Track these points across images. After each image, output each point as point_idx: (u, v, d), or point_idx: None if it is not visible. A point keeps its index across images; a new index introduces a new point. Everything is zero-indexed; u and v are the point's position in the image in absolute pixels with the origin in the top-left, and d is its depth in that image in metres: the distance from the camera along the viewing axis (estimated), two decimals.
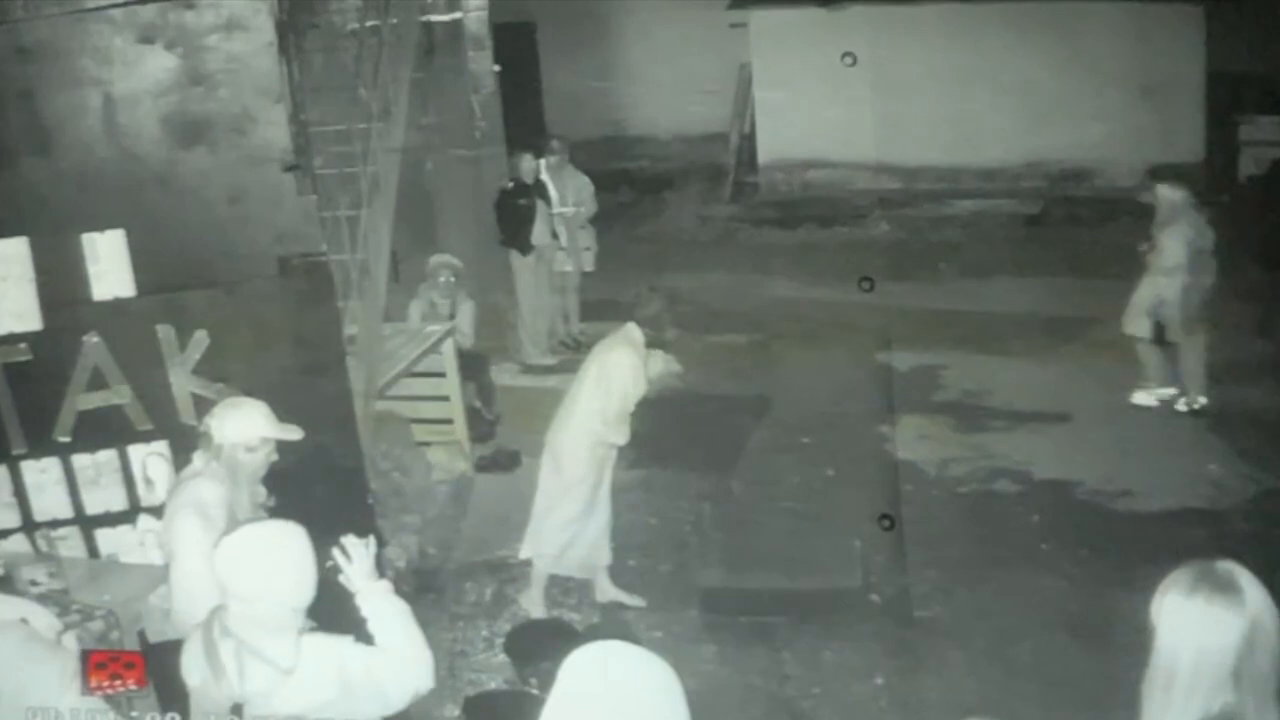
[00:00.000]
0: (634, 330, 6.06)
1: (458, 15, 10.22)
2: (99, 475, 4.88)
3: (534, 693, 4.07)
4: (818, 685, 5.62)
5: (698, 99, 15.78)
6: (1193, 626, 2.43)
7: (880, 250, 12.74)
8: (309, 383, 4.90)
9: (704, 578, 6.53)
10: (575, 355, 10.05)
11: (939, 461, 7.91)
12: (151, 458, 4.89)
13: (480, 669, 5.85)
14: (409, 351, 7.62)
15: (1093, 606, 6.04)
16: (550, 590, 6.41)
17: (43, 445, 4.82)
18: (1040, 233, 13.54)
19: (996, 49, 14.16)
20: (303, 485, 4.30)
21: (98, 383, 4.80)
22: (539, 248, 9.68)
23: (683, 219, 15.09)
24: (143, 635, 4.17)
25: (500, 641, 5.82)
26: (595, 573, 6.37)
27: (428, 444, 7.97)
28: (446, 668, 5.83)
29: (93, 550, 4.93)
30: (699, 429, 8.49)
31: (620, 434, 6.07)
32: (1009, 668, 5.63)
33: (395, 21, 7.71)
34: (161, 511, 4.69)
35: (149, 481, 4.90)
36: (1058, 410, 8.56)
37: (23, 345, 4.75)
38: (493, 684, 5.64)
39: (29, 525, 4.85)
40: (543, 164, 10.01)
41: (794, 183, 15.25)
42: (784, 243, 13.87)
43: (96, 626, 3.86)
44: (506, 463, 8.05)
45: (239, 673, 3.05)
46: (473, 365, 8.47)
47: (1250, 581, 2.45)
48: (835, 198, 14.61)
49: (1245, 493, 7.23)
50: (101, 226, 4.78)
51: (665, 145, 16.71)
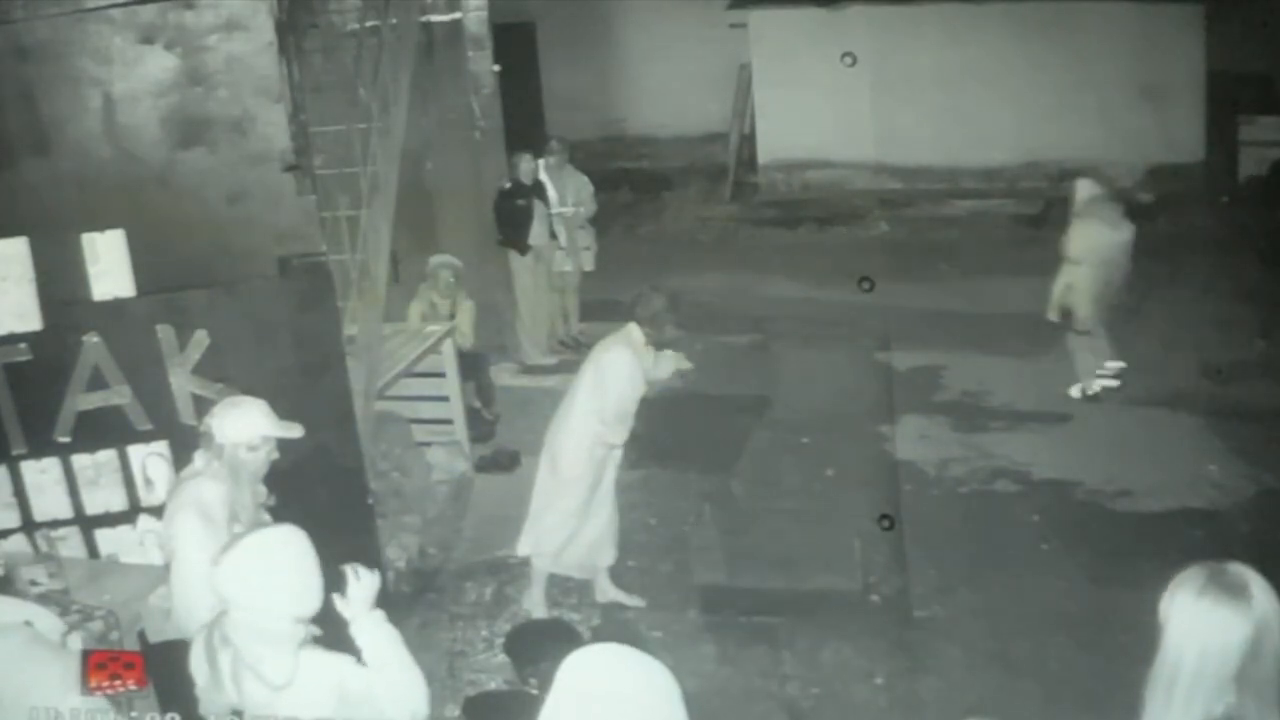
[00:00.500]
0: (634, 330, 6.04)
1: (458, 15, 10.19)
2: (99, 475, 4.87)
3: (534, 693, 4.07)
4: (818, 685, 5.62)
5: (698, 99, 15.80)
6: (1199, 626, 2.43)
7: (880, 250, 12.74)
8: (309, 383, 4.89)
9: (704, 578, 6.53)
10: (575, 355, 10.06)
11: (939, 461, 7.91)
12: (151, 458, 4.88)
13: (480, 669, 5.85)
14: (409, 351, 7.62)
15: (1093, 606, 6.04)
16: (550, 590, 6.40)
17: (43, 445, 4.82)
18: (1040, 233, 13.51)
19: (996, 49, 14.17)
20: (303, 485, 4.30)
21: (98, 383, 4.80)
22: (537, 248, 9.68)
23: (683, 219, 15.10)
24: (143, 635, 4.17)
25: (500, 641, 5.81)
26: (595, 573, 6.37)
27: (428, 444, 7.98)
28: (446, 668, 5.84)
29: (93, 550, 4.92)
30: (699, 429, 8.49)
31: (617, 433, 6.06)
32: (1009, 668, 5.63)
33: (395, 21, 7.70)
34: (161, 511, 4.69)
35: (149, 481, 4.90)
36: (1058, 410, 8.56)
37: (23, 345, 4.74)
38: (493, 684, 5.64)
39: (29, 525, 4.84)
40: (541, 164, 10.01)
41: (794, 183, 15.27)
42: (784, 243, 13.88)
43: (96, 626, 3.85)
44: (506, 463, 8.05)
45: (235, 683, 3.06)
46: (473, 365, 8.47)
47: (1261, 586, 2.45)
48: (835, 198, 14.63)
49: (1245, 493, 7.23)
50: (101, 226, 4.77)
51: (665, 145, 16.72)
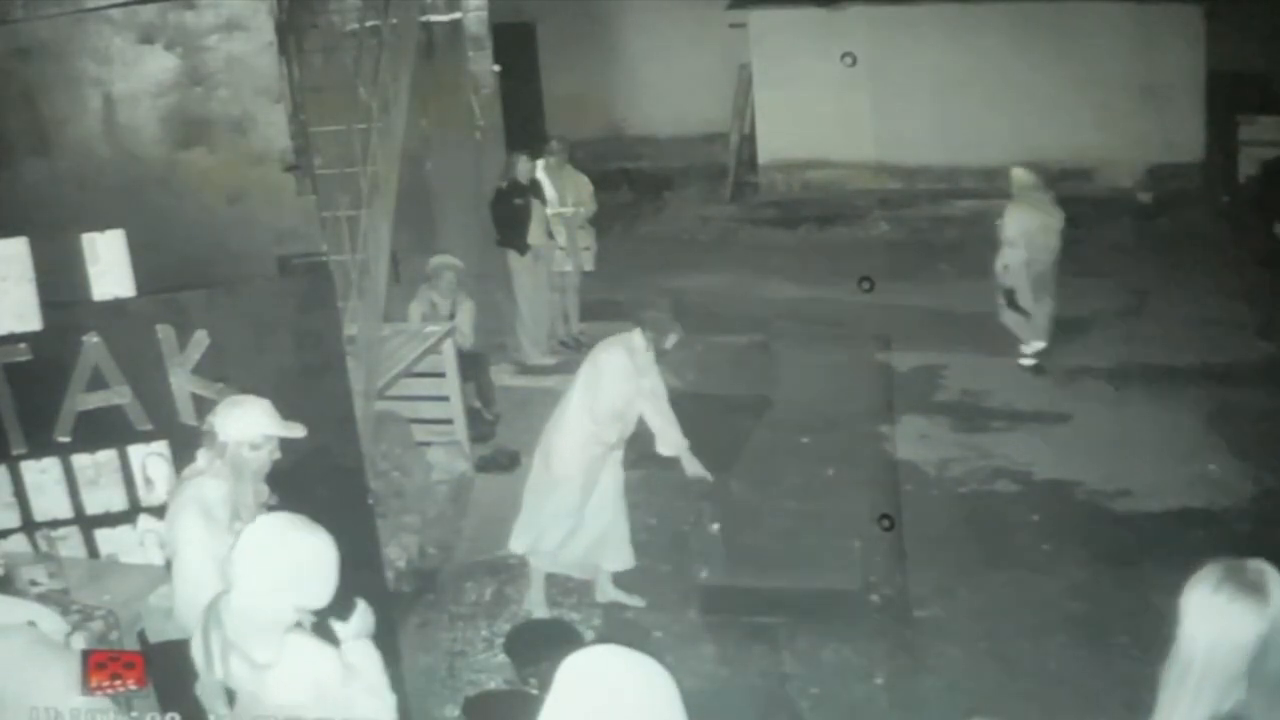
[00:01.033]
0: (636, 336, 6.07)
1: (458, 15, 10.21)
2: (99, 475, 4.87)
3: (534, 693, 4.07)
4: (817, 685, 5.63)
5: (698, 99, 15.80)
6: (1213, 620, 2.45)
7: (880, 250, 12.73)
8: (309, 383, 4.89)
9: (704, 578, 6.53)
10: (575, 355, 10.07)
11: (939, 461, 7.91)
12: (151, 458, 4.88)
13: (480, 669, 5.85)
14: (409, 351, 7.62)
15: (1092, 606, 6.05)
16: (550, 590, 6.41)
17: (43, 445, 4.81)
18: None
19: (996, 49, 14.16)
20: (303, 485, 4.29)
21: (98, 383, 4.79)
22: (535, 248, 9.68)
23: (683, 219, 15.10)
24: (143, 635, 4.17)
25: (500, 641, 5.82)
26: (596, 573, 6.37)
27: (428, 444, 7.98)
28: (446, 668, 5.84)
29: (93, 550, 4.92)
30: (699, 429, 8.47)
31: (609, 431, 6.07)
32: (1009, 668, 5.64)
33: (395, 21, 7.69)
34: (161, 512, 4.69)
35: (149, 481, 4.90)
36: (1058, 410, 8.56)
37: (23, 345, 4.74)
38: (493, 684, 5.64)
39: (29, 525, 4.84)
40: (541, 164, 10.02)
41: (794, 183, 15.26)
42: (784, 243, 13.87)
43: (96, 626, 3.85)
44: (506, 463, 8.05)
45: (223, 660, 3.14)
46: (472, 365, 8.47)
47: (1278, 583, 2.47)
48: (835, 198, 14.61)
49: (1245, 493, 7.23)
50: (101, 226, 4.76)
51: (665, 145, 16.71)
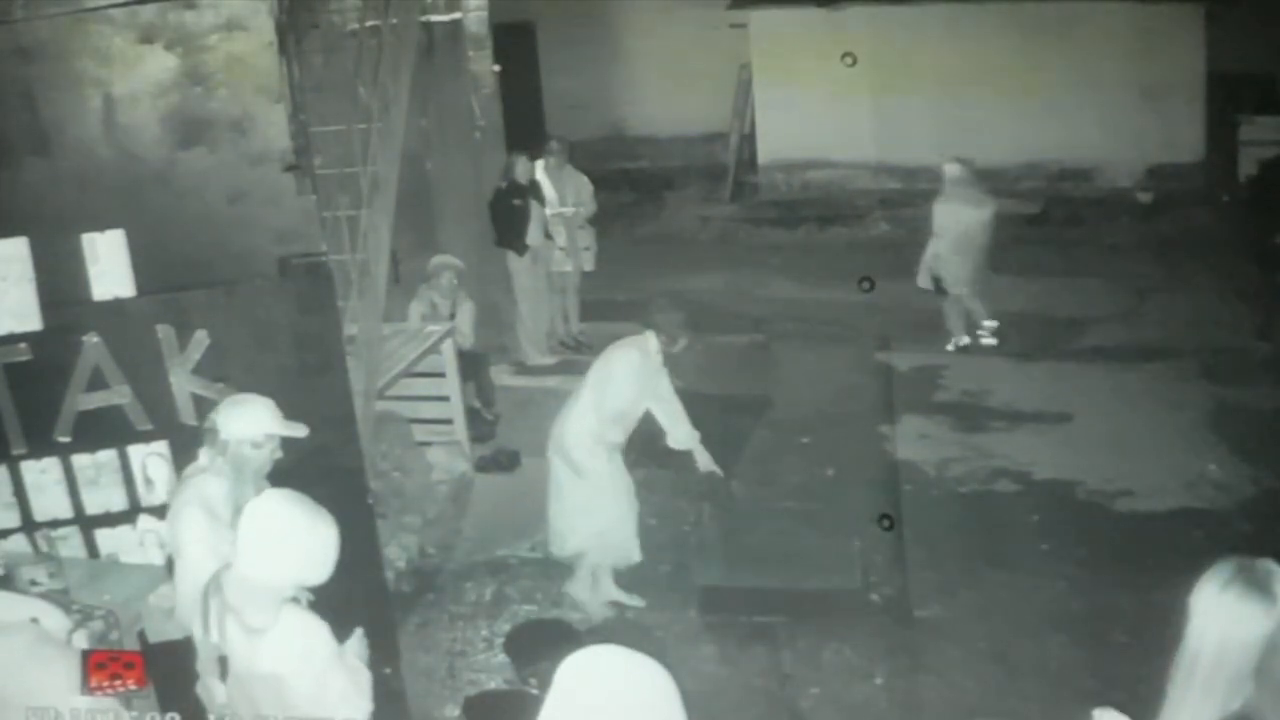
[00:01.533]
0: (650, 339, 6.14)
1: (458, 15, 10.20)
2: (99, 475, 4.87)
3: (534, 693, 4.07)
4: (818, 685, 5.63)
5: (698, 99, 15.80)
6: (1221, 619, 2.46)
7: (880, 250, 12.73)
8: (309, 383, 4.89)
9: (704, 578, 6.53)
10: (575, 355, 10.07)
11: (939, 461, 7.91)
12: (151, 458, 4.88)
13: (480, 669, 5.85)
14: (409, 351, 7.62)
15: (1093, 606, 6.05)
16: (550, 590, 6.42)
17: (43, 445, 4.82)
18: (1040, 233, 13.54)
19: (996, 49, 14.16)
20: (303, 485, 4.29)
21: (98, 383, 4.79)
22: (534, 248, 9.68)
23: (683, 219, 15.10)
24: (143, 635, 4.18)
25: (500, 641, 5.82)
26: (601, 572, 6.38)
27: (428, 444, 7.97)
28: (446, 668, 5.84)
29: (93, 550, 4.92)
30: (699, 429, 8.47)
31: (613, 431, 6.12)
32: (1009, 668, 5.64)
33: (395, 21, 7.69)
34: (161, 512, 4.70)
35: (149, 481, 4.90)
36: (1058, 410, 8.56)
37: (23, 345, 4.74)
38: (493, 684, 5.64)
39: (29, 525, 4.84)
40: (541, 164, 10.02)
41: (794, 183, 15.26)
42: (784, 243, 13.88)
43: (96, 626, 3.86)
44: (506, 463, 8.05)
45: (219, 628, 3.23)
46: (472, 365, 8.47)
47: None
48: (835, 198, 14.61)
49: (1245, 493, 7.23)
50: (101, 226, 4.77)
51: (665, 145, 16.71)
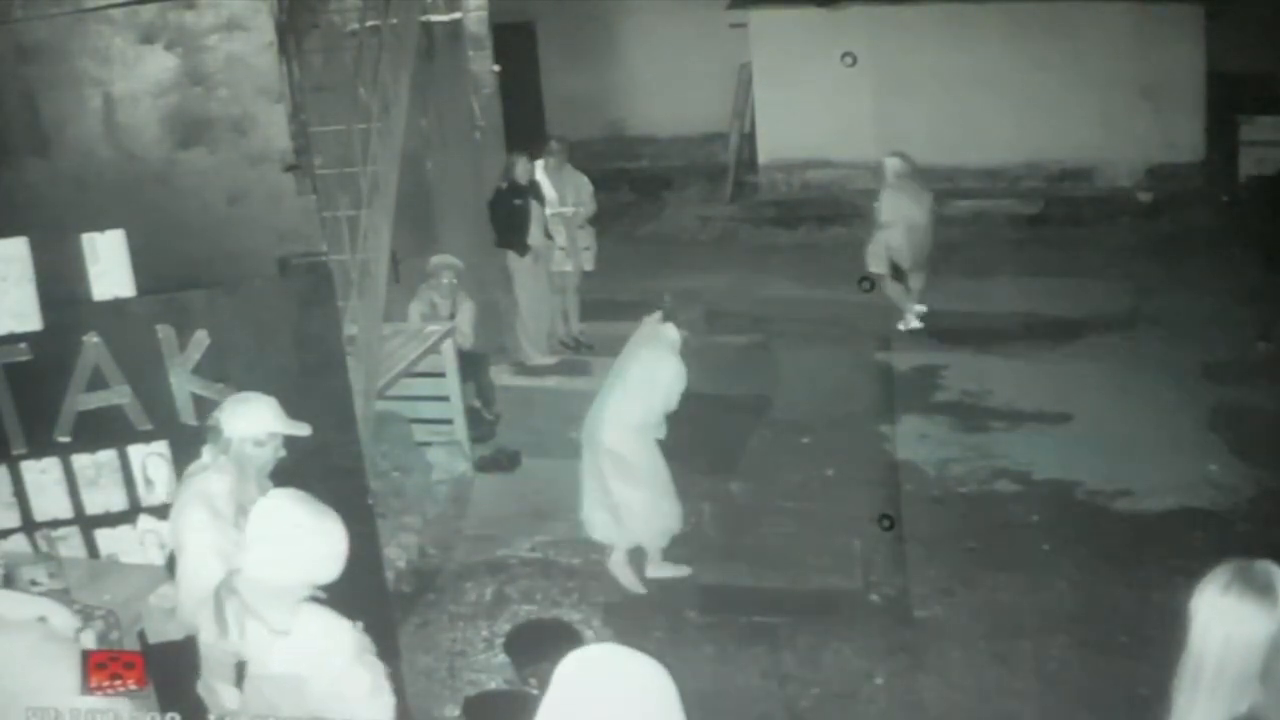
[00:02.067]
0: (672, 331, 6.34)
1: (458, 15, 10.19)
2: (99, 475, 4.87)
3: (534, 693, 4.07)
4: (818, 685, 5.63)
5: (698, 99, 15.79)
6: (1223, 621, 2.45)
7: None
8: (309, 383, 4.89)
9: (704, 578, 6.54)
10: (575, 355, 10.07)
11: (939, 461, 7.91)
12: (151, 458, 4.88)
13: (480, 669, 5.86)
14: (409, 351, 7.62)
15: (1093, 606, 6.05)
16: (550, 590, 6.43)
17: (43, 445, 4.82)
18: (1040, 233, 13.55)
19: (996, 49, 14.16)
20: (302, 485, 4.29)
21: (98, 383, 4.79)
22: (535, 248, 9.68)
23: (683, 219, 15.10)
24: (143, 635, 4.17)
25: (500, 641, 5.82)
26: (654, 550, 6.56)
27: (428, 444, 7.98)
28: (446, 668, 5.84)
29: (93, 550, 4.92)
30: (699, 429, 8.48)
31: (662, 426, 6.38)
32: (1009, 668, 5.64)
33: (395, 21, 7.69)
34: (161, 512, 4.70)
35: (149, 481, 4.90)
36: (1058, 410, 8.56)
37: (23, 345, 4.74)
38: (493, 684, 5.64)
39: (29, 525, 4.84)
40: (538, 164, 10.02)
41: (794, 183, 15.26)
42: (784, 243, 13.88)
43: (96, 626, 3.86)
44: (506, 463, 8.05)
45: (240, 630, 3.21)
46: (472, 365, 8.47)
47: None
48: (835, 198, 14.61)
49: (1245, 493, 7.23)
50: (101, 226, 4.77)
51: (665, 145, 16.72)
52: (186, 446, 4.49)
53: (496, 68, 10.56)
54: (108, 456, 4.86)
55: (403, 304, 8.30)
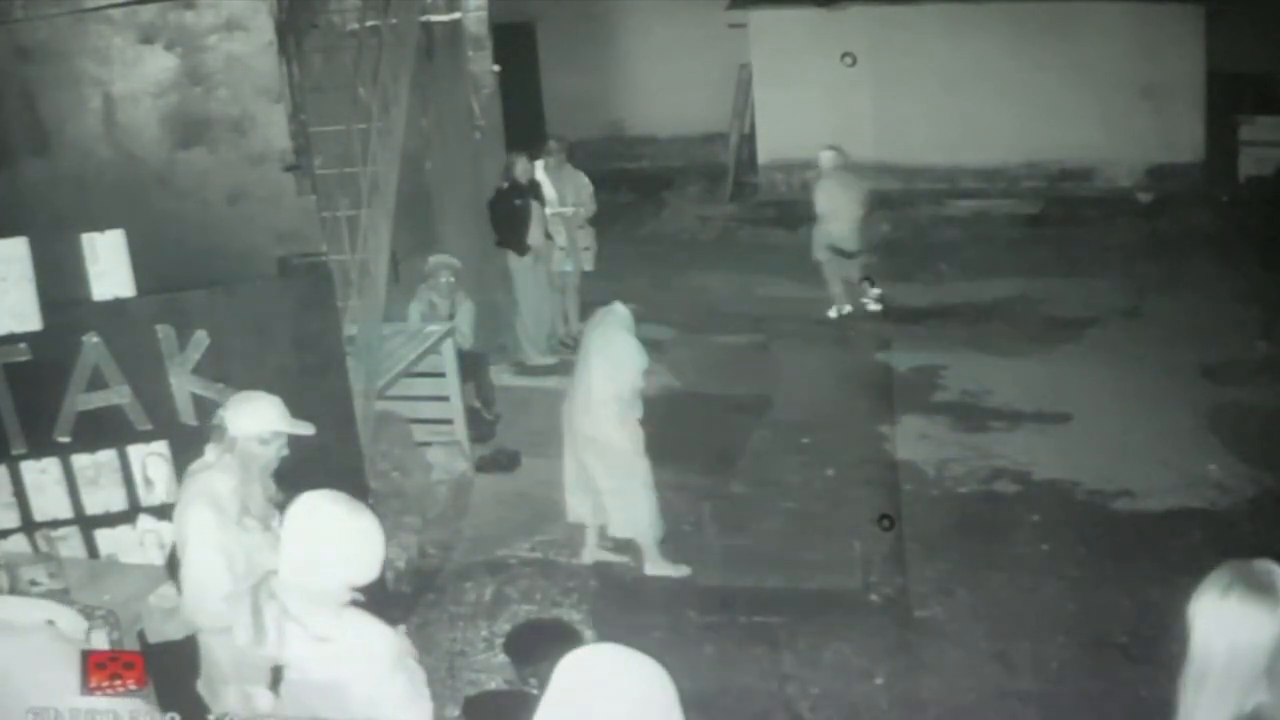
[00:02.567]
0: (619, 307, 6.44)
1: (457, 15, 10.18)
2: (99, 475, 4.88)
3: (534, 693, 4.07)
4: (818, 685, 5.62)
5: (698, 99, 15.80)
6: (1227, 625, 2.44)
7: (880, 250, 12.74)
8: (309, 383, 4.89)
9: (704, 578, 6.54)
10: (574, 355, 10.06)
11: (939, 461, 7.90)
12: (151, 458, 4.89)
13: (480, 669, 5.85)
14: (409, 351, 7.62)
15: (1092, 606, 6.04)
16: (550, 590, 6.43)
17: (43, 445, 4.82)
18: (1040, 233, 13.55)
19: (996, 49, 14.17)
20: (302, 485, 4.29)
21: (98, 383, 4.80)
22: (535, 248, 9.68)
23: (683, 219, 15.10)
24: (143, 635, 4.18)
25: (500, 641, 5.82)
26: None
27: (428, 444, 7.97)
28: (446, 668, 5.84)
29: (93, 550, 4.93)
30: (699, 429, 8.49)
31: (638, 407, 6.41)
32: (1009, 668, 5.63)
33: (395, 21, 7.69)
34: (161, 512, 4.70)
35: (149, 481, 4.90)
36: (1058, 410, 8.56)
37: (23, 345, 4.75)
38: (493, 684, 5.64)
39: (29, 525, 4.85)
40: (538, 164, 10.01)
41: (794, 183, 15.23)
42: (784, 243, 13.85)
43: (102, 627, 3.86)
44: (506, 463, 8.04)
45: (280, 636, 3.15)
46: (472, 365, 8.47)
47: None
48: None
49: (1245, 493, 7.22)
50: (101, 226, 4.77)
51: (665, 145, 16.73)
52: (186, 446, 4.49)
53: (496, 68, 10.56)
54: (107, 456, 4.87)
55: (403, 304, 8.29)
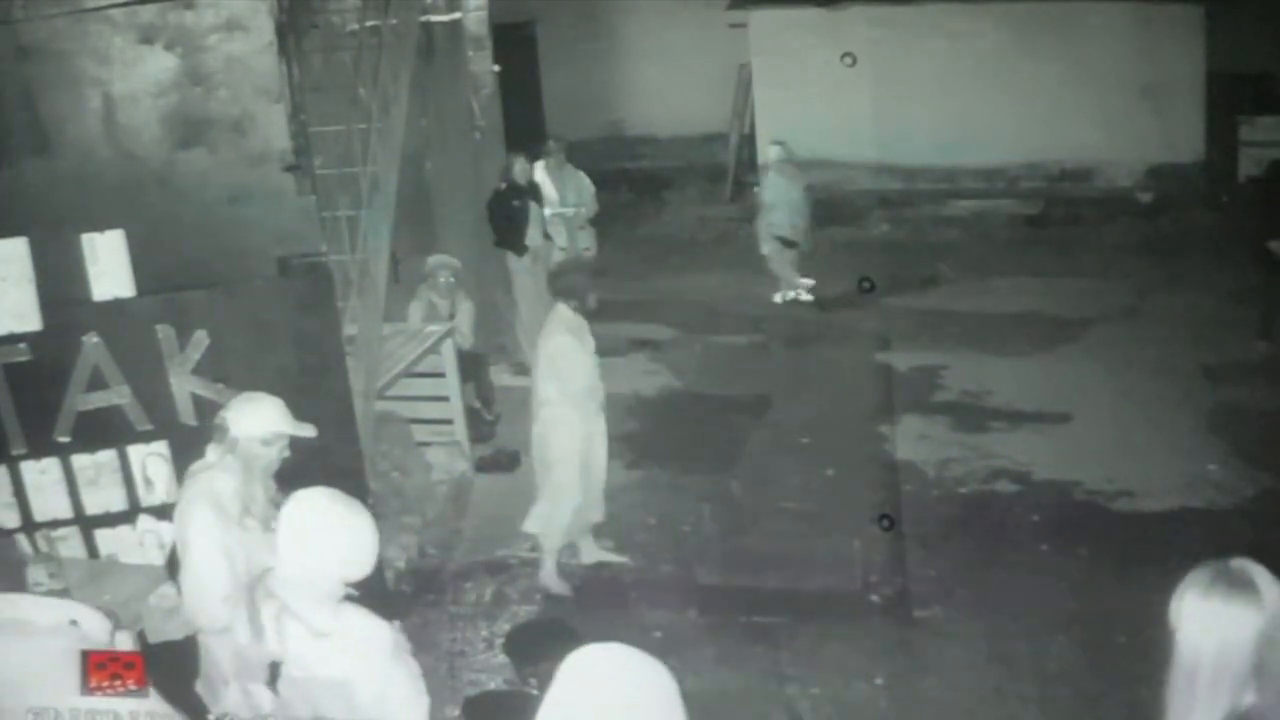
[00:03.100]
0: (563, 310, 6.37)
1: (457, 15, 10.19)
2: (99, 475, 4.88)
3: (534, 693, 4.07)
4: (818, 685, 5.62)
5: (698, 99, 15.80)
6: (1212, 625, 2.45)
7: (880, 250, 12.74)
8: (309, 383, 4.89)
9: (704, 578, 6.54)
10: None
11: (939, 461, 7.90)
12: (151, 458, 4.89)
13: (480, 669, 5.85)
14: (409, 351, 7.62)
15: (1092, 606, 6.04)
16: (550, 591, 6.43)
17: (43, 445, 4.82)
18: (1040, 233, 13.56)
19: (996, 49, 14.17)
20: (302, 485, 4.30)
21: (98, 383, 4.80)
22: (534, 249, 9.68)
23: (683, 219, 15.11)
24: (143, 635, 4.17)
25: (500, 641, 5.82)
26: (581, 535, 6.62)
27: (428, 444, 7.97)
28: (446, 668, 5.84)
29: (93, 550, 4.93)
30: (699, 429, 8.49)
31: (595, 398, 6.44)
32: (1009, 668, 5.63)
33: (395, 21, 7.69)
34: (161, 512, 4.70)
35: (149, 481, 4.90)
36: (1058, 410, 8.56)
37: (23, 345, 4.75)
38: (493, 684, 5.64)
39: (29, 525, 4.85)
40: (538, 164, 10.01)
41: None
42: None
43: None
44: (506, 463, 8.04)
45: (279, 633, 3.18)
46: (472, 365, 8.47)
47: (1266, 578, 2.48)
48: (835, 198, 14.62)
49: (1245, 493, 7.22)
50: (101, 226, 4.78)
51: (665, 145, 16.72)
52: (186, 446, 4.49)
53: (496, 68, 10.57)
54: (107, 457, 4.87)
55: (402, 304, 8.29)
